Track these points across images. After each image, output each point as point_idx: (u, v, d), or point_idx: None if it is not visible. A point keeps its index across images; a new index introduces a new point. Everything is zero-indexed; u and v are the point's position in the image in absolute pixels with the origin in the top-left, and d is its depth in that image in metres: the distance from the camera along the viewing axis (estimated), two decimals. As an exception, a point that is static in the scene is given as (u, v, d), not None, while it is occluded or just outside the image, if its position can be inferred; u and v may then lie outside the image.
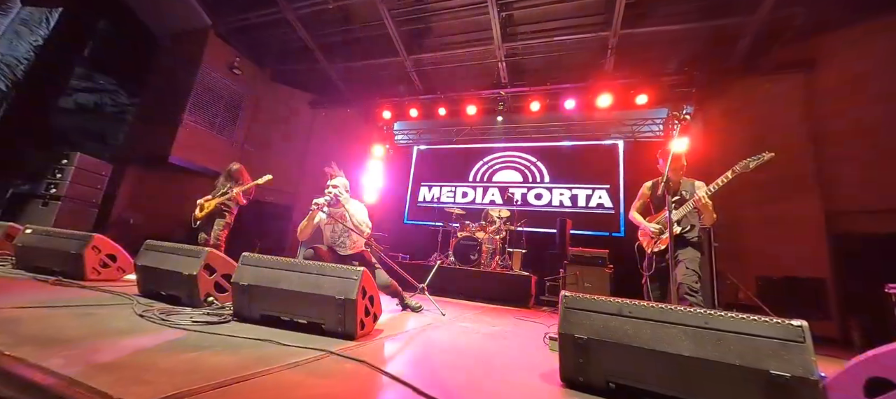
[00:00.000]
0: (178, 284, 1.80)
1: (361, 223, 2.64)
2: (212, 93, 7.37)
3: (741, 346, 0.96)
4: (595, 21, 6.16)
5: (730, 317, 0.98)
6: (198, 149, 7.13)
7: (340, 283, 1.54)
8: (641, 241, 2.72)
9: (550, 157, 7.71)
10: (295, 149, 8.29)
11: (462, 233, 5.45)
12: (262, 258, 1.64)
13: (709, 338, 0.99)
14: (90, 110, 7.67)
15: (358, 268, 1.59)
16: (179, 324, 1.39)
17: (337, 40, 7.35)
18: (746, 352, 0.95)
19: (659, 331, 1.03)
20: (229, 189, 3.95)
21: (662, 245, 2.51)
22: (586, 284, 4.19)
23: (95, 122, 7.52)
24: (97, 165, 4.29)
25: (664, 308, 1.06)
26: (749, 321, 0.97)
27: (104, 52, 7.50)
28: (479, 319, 2.91)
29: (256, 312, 1.61)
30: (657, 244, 2.55)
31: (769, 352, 0.93)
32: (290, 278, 1.57)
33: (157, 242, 1.98)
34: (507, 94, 7.23)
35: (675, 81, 6.56)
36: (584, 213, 7.03)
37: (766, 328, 0.96)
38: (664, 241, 2.50)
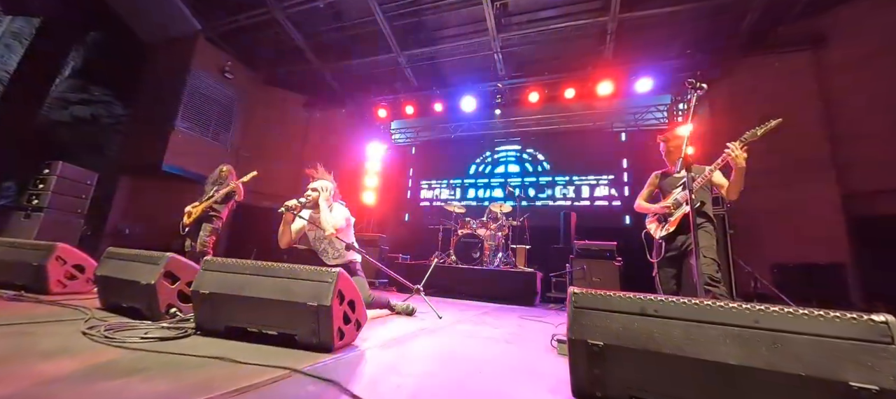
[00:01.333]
0: (137, 295, 1.61)
1: (328, 224, 2.39)
2: (204, 98, 7.23)
3: (806, 351, 0.74)
4: (592, 6, 5.94)
5: (788, 313, 0.77)
6: (191, 155, 6.99)
7: (313, 288, 1.35)
8: (650, 227, 2.55)
9: (552, 149, 7.50)
10: (291, 152, 8.12)
11: (463, 230, 5.25)
12: (226, 262, 1.45)
13: (761, 341, 0.77)
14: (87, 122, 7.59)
15: (333, 269, 1.40)
16: (125, 342, 1.19)
17: (329, 39, 7.19)
18: (814, 358, 0.73)
19: (694, 333, 0.81)
20: (215, 192, 3.78)
21: (672, 227, 2.32)
22: (595, 279, 3.97)
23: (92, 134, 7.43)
24: (81, 174, 4.13)
25: (701, 304, 0.85)
26: (814, 318, 0.75)
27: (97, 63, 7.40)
28: (481, 321, 2.70)
29: (221, 324, 1.42)
30: (667, 226, 2.36)
31: (845, 357, 0.72)
32: (257, 284, 1.38)
33: (119, 250, 1.79)
34: (504, 87, 7.02)
35: (677, 65, 6.33)
36: (588, 206, 6.81)
37: (839, 326, 0.74)
38: (673, 222, 2.32)
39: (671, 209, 2.37)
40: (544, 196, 7.19)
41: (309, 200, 2.40)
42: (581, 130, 7.44)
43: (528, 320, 2.92)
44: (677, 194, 2.39)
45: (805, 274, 4.83)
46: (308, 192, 2.46)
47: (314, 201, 2.38)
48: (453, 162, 8.11)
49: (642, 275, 4.88)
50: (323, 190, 2.48)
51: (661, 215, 2.44)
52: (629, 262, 4.32)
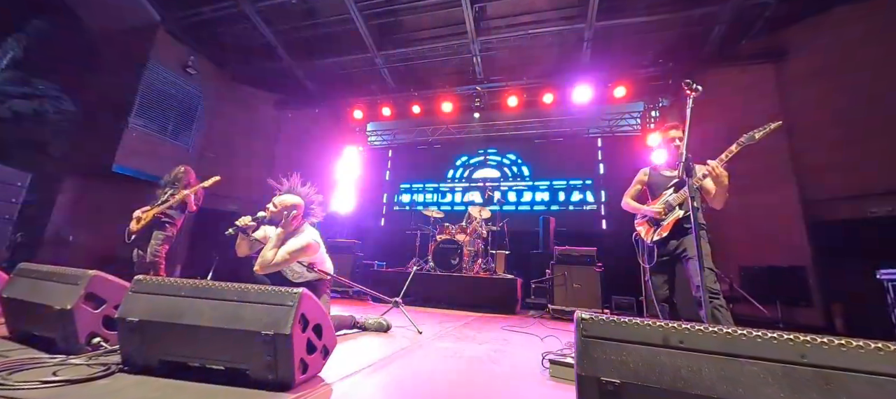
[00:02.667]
0: (50, 323, 1.31)
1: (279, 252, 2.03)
2: (163, 94, 6.72)
3: (867, 394, 0.61)
4: (570, 13, 5.99)
5: (839, 346, 0.66)
6: (147, 156, 6.46)
7: (269, 313, 1.12)
8: (639, 230, 2.44)
9: (531, 153, 7.50)
10: (261, 153, 7.70)
11: (441, 236, 5.08)
12: (162, 282, 1.21)
13: (811, 382, 0.65)
14: (29, 118, 6.87)
15: (294, 290, 1.18)
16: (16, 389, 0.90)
17: (301, 37, 6.88)
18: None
19: (730, 370, 0.69)
20: (170, 196, 3.43)
21: (665, 232, 2.23)
22: (575, 285, 3.91)
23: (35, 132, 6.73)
24: (10, 175, 3.65)
25: (734, 334, 0.72)
26: (871, 352, 0.64)
27: (41, 53, 6.71)
28: (462, 335, 2.53)
29: (154, 359, 1.16)
30: (659, 231, 2.26)
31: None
32: (198, 309, 1.14)
33: (31, 266, 1.49)
34: (483, 90, 6.95)
35: (651, 74, 6.49)
36: (566, 210, 6.82)
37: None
38: (666, 226, 2.22)
39: (662, 214, 2.28)
40: (523, 201, 7.16)
41: (267, 216, 2.10)
42: (559, 135, 7.49)
43: (513, 332, 2.78)
44: (669, 196, 2.30)
45: (770, 276, 5.03)
46: (269, 205, 2.15)
47: (274, 218, 2.08)
48: (432, 165, 7.95)
49: (623, 279, 4.94)
50: (284, 208, 2.13)
51: (652, 218, 2.34)
52: (608, 267, 4.31)
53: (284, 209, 2.09)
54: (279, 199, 2.12)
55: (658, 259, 2.25)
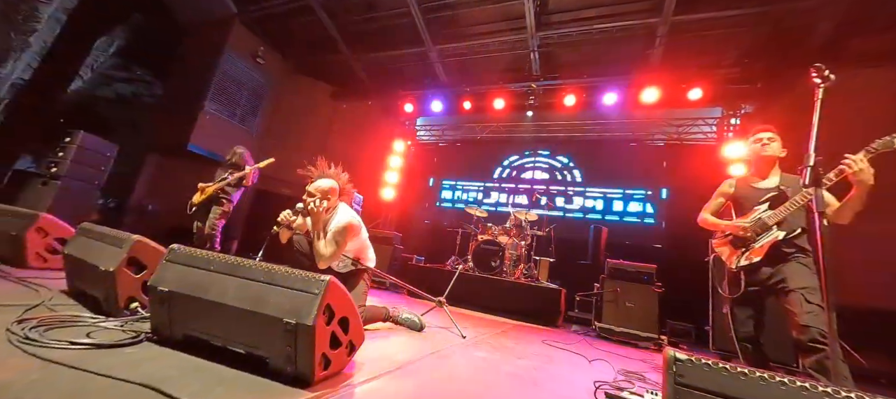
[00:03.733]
0: (97, 283, 1.37)
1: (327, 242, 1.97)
2: (234, 82, 7.26)
3: None
4: (642, 6, 5.48)
5: None
6: (217, 138, 7.01)
7: (293, 300, 1.04)
8: (719, 251, 2.05)
9: (584, 157, 7.02)
10: (314, 142, 8.04)
11: (483, 236, 4.90)
12: (195, 254, 1.19)
13: None
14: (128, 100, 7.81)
15: (322, 277, 1.08)
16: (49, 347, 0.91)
17: (360, 29, 7.05)
18: None
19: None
20: (229, 175, 3.63)
21: (756, 256, 1.83)
22: (628, 304, 3.53)
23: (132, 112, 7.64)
24: (101, 145, 4.10)
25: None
26: None
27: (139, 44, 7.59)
28: (500, 345, 2.34)
29: (179, 332, 1.14)
30: (748, 254, 1.87)
31: None
32: (224, 286, 1.09)
33: (91, 226, 1.58)
34: (539, 88, 6.62)
35: (732, 75, 5.74)
36: (619, 222, 6.29)
37: None
38: (758, 250, 1.82)
39: (752, 231, 1.88)
40: (573, 207, 6.73)
41: (306, 207, 2.05)
42: (617, 140, 6.93)
43: (555, 348, 2.54)
44: (763, 213, 1.90)
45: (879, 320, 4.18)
46: (304, 196, 2.10)
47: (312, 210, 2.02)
48: (478, 164, 7.78)
49: (680, 304, 4.40)
50: (322, 195, 2.07)
51: (738, 238, 1.95)
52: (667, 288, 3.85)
53: (322, 194, 2.06)
54: (315, 186, 2.09)
55: (745, 288, 1.86)
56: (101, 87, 7.70)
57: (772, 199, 1.90)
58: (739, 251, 1.93)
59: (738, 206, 2.08)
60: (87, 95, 7.38)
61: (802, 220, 1.82)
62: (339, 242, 1.98)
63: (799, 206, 1.76)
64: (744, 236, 1.91)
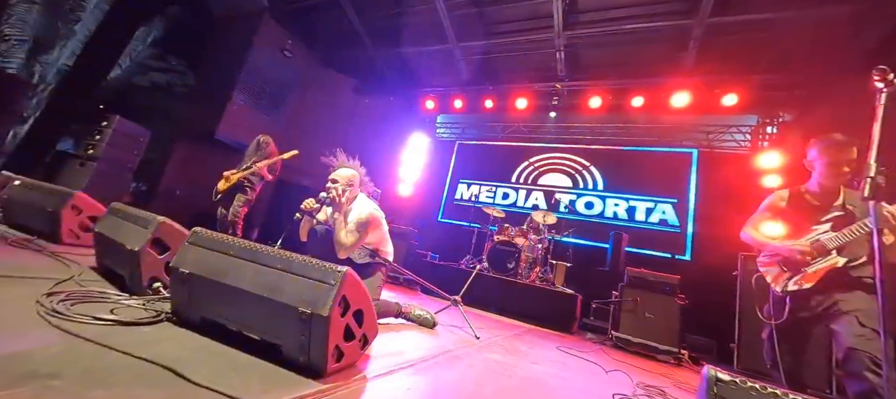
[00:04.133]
0: (123, 261, 1.41)
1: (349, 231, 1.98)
2: (262, 74, 7.45)
3: None
4: (677, 7, 5.28)
5: None
6: (243, 127, 7.19)
7: (309, 289, 1.02)
8: (764, 271, 1.88)
9: (607, 162, 6.83)
10: (337, 134, 8.15)
11: (499, 236, 4.84)
12: (216, 238, 1.19)
13: None
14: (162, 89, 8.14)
15: (339, 268, 1.06)
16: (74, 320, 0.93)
17: (386, 25, 7.10)
18: None
19: None
20: (253, 163, 3.71)
21: (808, 282, 1.65)
22: (648, 314, 3.40)
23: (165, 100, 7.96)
24: (135, 130, 4.28)
25: None
26: None
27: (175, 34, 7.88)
28: (513, 348, 2.29)
29: (197, 314, 1.15)
30: (799, 279, 1.69)
31: None
32: (242, 271, 1.09)
33: (121, 206, 1.63)
34: (563, 88, 6.49)
35: (770, 81, 5.45)
36: (642, 229, 6.08)
37: None
38: (812, 276, 1.64)
39: (808, 255, 1.68)
40: (592, 212, 6.56)
41: (329, 196, 2.05)
42: (642, 145, 6.71)
43: (570, 355, 2.46)
44: (822, 233, 1.71)
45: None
46: (328, 184, 2.10)
47: (334, 198, 2.04)
48: (497, 164, 7.70)
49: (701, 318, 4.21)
50: (346, 183, 2.09)
51: (789, 260, 1.76)
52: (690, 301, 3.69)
53: (345, 182, 2.07)
54: (338, 173, 2.11)
55: (797, 315, 1.69)
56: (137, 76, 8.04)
57: (835, 220, 1.69)
58: (788, 274, 1.75)
59: (792, 224, 1.86)
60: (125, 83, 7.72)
61: (864, 247, 1.60)
62: (361, 233, 1.99)
63: (863, 232, 1.55)
64: (800, 259, 1.71)
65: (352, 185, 2.11)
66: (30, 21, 5.80)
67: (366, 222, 1.98)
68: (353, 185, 2.11)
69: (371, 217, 2.02)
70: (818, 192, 1.84)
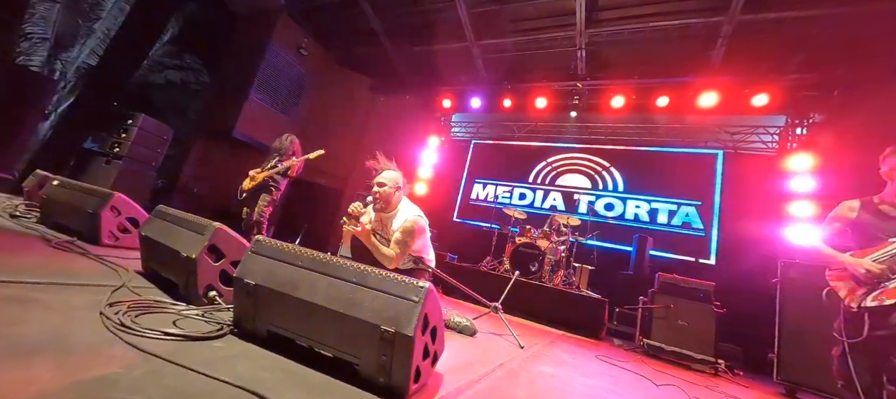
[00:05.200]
0: (175, 268, 1.35)
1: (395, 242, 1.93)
2: (278, 72, 7.45)
3: None
4: (706, 4, 5.13)
5: None
6: (260, 125, 7.22)
7: (391, 306, 0.96)
8: (835, 285, 1.80)
9: (628, 163, 6.70)
10: (351, 133, 8.14)
11: (521, 238, 4.76)
12: (281, 247, 1.13)
13: None
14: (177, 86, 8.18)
15: (420, 283, 0.99)
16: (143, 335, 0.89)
17: (402, 22, 7.03)
18: None
19: None
20: (278, 162, 3.67)
21: (889, 298, 1.56)
22: (681, 322, 3.30)
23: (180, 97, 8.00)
24: (159, 128, 4.28)
25: None
26: None
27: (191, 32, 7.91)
28: (558, 359, 2.20)
29: (263, 327, 1.10)
30: (878, 295, 1.60)
31: None
32: (314, 284, 1.02)
33: (167, 209, 1.59)
34: (584, 87, 6.36)
35: (804, 81, 5.27)
36: (665, 232, 5.95)
37: None
38: (893, 291, 1.56)
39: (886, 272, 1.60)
40: (613, 214, 6.44)
41: (375, 200, 2.01)
42: (665, 145, 6.56)
43: (612, 364, 2.38)
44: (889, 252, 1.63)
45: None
46: (374, 188, 2.04)
47: (384, 199, 1.98)
48: (514, 164, 7.60)
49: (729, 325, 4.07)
50: (393, 186, 2.03)
51: (859, 276, 1.68)
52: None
53: (393, 186, 2.00)
54: (385, 176, 2.04)
55: (875, 332, 1.60)
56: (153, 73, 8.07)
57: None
58: (865, 289, 1.66)
59: (864, 236, 1.77)
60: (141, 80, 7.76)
61: None
62: (408, 243, 1.94)
63: None
64: (877, 277, 1.63)
65: (398, 187, 2.04)
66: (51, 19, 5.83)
67: (411, 230, 1.92)
68: (398, 188, 2.04)
69: (415, 225, 1.95)
70: (891, 202, 1.74)
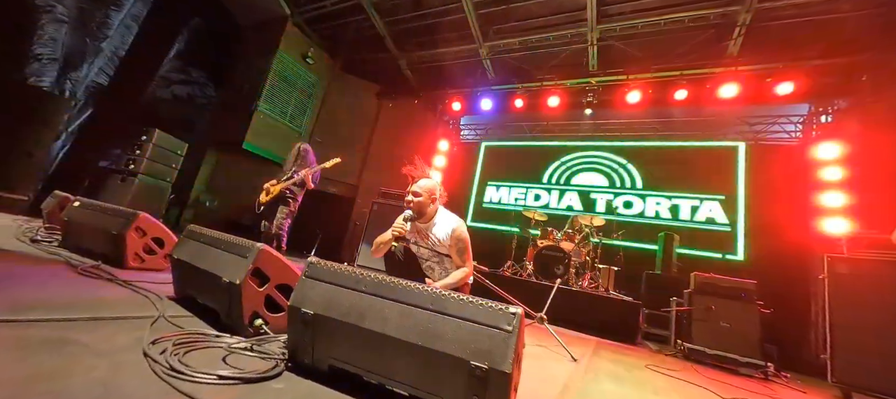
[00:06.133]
0: (216, 294, 1.23)
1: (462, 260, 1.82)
2: (286, 82, 7.41)
3: None
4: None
5: None
6: (269, 136, 7.17)
7: (479, 338, 0.82)
8: None
9: (644, 159, 6.55)
10: (360, 140, 8.07)
11: (543, 241, 4.62)
12: (338, 270, 1.01)
13: None
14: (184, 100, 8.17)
15: (512, 309, 0.86)
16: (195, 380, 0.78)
17: (409, 27, 6.97)
18: None
19: None
20: (294, 173, 3.58)
21: None
22: (723, 324, 3.15)
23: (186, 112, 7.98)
24: (173, 143, 4.21)
25: None
26: None
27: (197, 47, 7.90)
28: (614, 373, 2.06)
29: (324, 362, 0.97)
30: None
31: None
32: (382, 312, 0.91)
33: (200, 229, 1.47)
34: (598, 84, 6.24)
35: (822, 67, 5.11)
36: (688, 228, 5.78)
37: None
38: None
39: None
40: (633, 212, 6.28)
41: (413, 210, 1.89)
42: (683, 140, 6.41)
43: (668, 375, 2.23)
44: None
45: None
46: (408, 197, 1.92)
47: (419, 209, 1.87)
48: (527, 164, 7.47)
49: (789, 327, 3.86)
50: (429, 196, 1.90)
51: None
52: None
53: (429, 195, 1.89)
54: (420, 186, 1.91)
55: None
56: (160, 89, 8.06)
57: None
58: None
59: None
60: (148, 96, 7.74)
61: None
62: (469, 249, 1.87)
63: None
64: None
65: (433, 198, 1.92)
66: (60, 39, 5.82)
67: (464, 237, 1.83)
68: (434, 199, 1.92)
69: (465, 234, 1.86)
70: None
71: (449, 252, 1.84)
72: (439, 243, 1.85)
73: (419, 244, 1.90)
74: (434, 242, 1.86)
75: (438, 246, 1.85)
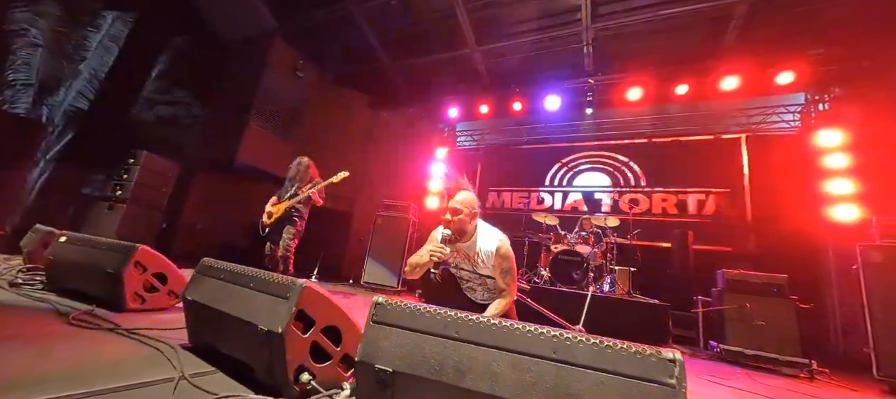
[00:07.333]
0: (249, 345, 1.00)
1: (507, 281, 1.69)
2: (276, 96, 7.18)
3: None
4: (717, -14, 5.00)
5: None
6: (262, 153, 6.91)
7: (612, 389, 0.65)
8: None
9: (646, 155, 6.51)
10: (354, 153, 7.84)
11: (558, 246, 4.47)
12: (419, 312, 0.79)
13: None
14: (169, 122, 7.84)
15: (670, 353, 0.70)
16: None
17: (400, 35, 6.83)
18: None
19: None
20: (298, 190, 3.35)
21: None
22: (758, 322, 3.03)
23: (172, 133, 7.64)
24: (163, 166, 3.94)
25: None
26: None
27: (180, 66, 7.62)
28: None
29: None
30: None
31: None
32: (488, 365, 0.70)
33: (216, 263, 1.24)
34: (596, 83, 6.19)
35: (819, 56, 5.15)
36: (697, 223, 5.72)
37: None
38: None
39: None
40: (640, 210, 6.20)
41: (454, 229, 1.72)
42: (683, 135, 6.38)
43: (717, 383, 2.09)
44: None
45: None
46: (446, 215, 1.75)
47: (459, 228, 1.71)
48: (528, 168, 7.36)
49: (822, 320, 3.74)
50: (469, 212, 1.74)
51: None
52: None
53: (469, 213, 1.71)
54: (459, 201, 1.73)
55: None
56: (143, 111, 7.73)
57: None
58: None
59: None
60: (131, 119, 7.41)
61: None
62: (515, 272, 1.69)
63: None
64: None
65: (475, 212, 1.74)
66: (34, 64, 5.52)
67: (509, 254, 1.65)
68: (475, 213, 1.75)
69: (510, 251, 1.68)
70: None
71: (492, 272, 1.67)
72: (482, 264, 1.67)
73: (460, 265, 1.72)
74: (477, 264, 1.69)
75: (481, 268, 1.68)
